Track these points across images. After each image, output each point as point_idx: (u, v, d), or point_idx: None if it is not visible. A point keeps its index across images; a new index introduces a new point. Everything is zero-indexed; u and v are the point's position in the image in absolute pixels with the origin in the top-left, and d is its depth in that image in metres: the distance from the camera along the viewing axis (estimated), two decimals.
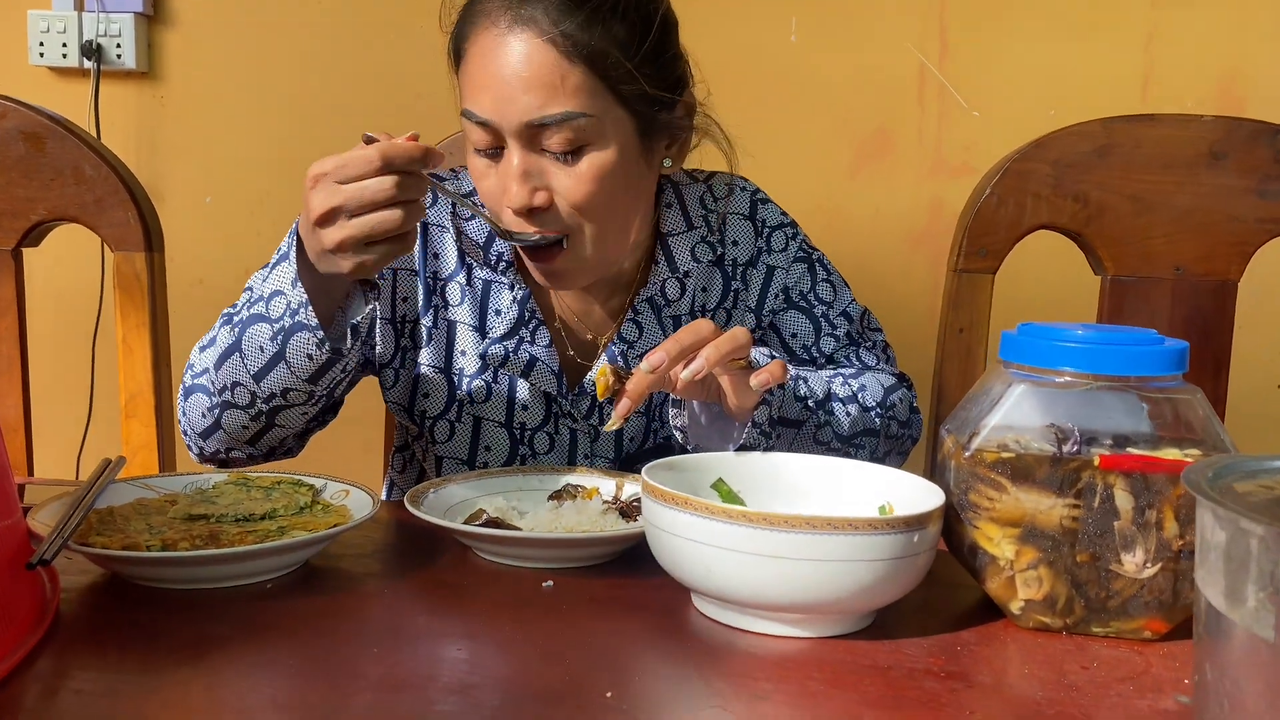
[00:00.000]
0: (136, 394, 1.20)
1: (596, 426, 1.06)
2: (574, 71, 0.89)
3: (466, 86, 0.93)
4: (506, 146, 0.92)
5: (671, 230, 1.05)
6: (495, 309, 1.04)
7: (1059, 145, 1.13)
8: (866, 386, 1.02)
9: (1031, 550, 0.73)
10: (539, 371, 1.03)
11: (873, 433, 1.01)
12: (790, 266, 1.08)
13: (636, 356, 1.03)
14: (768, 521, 0.66)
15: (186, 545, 0.74)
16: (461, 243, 1.04)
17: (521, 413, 1.05)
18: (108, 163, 1.18)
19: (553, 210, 0.93)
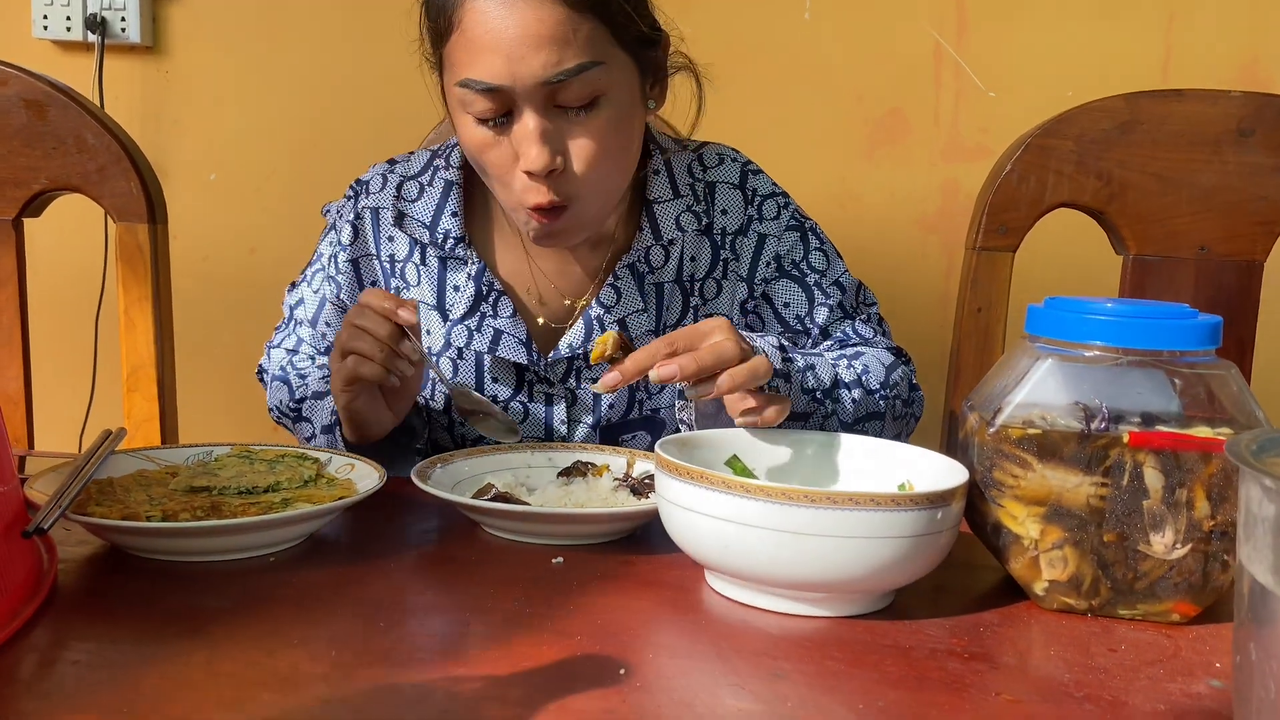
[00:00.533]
0: (139, 368, 1.18)
1: (574, 390, 1.05)
2: (584, 22, 0.88)
3: (464, 54, 0.90)
4: (516, 111, 0.90)
5: (658, 198, 1.04)
6: (453, 285, 1.05)
7: (1082, 121, 1.10)
8: (869, 368, 1.01)
9: (1057, 530, 0.70)
10: (505, 344, 1.03)
11: (878, 415, 0.99)
12: (783, 235, 1.07)
13: (614, 322, 1.02)
14: (788, 496, 0.64)
15: (187, 516, 0.72)
16: (406, 226, 1.04)
17: (492, 384, 1.05)
18: (110, 131, 1.16)
19: (566, 172, 0.92)
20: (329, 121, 1.92)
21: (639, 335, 1.03)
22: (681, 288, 1.06)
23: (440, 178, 1.05)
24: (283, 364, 1.10)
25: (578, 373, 1.05)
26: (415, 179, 1.06)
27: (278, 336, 1.13)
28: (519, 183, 0.92)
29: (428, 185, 1.05)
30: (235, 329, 1.99)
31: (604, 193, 0.96)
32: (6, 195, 1.16)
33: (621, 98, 0.93)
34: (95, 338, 1.86)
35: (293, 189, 1.95)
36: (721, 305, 1.07)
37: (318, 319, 1.09)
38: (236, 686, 0.55)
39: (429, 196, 1.05)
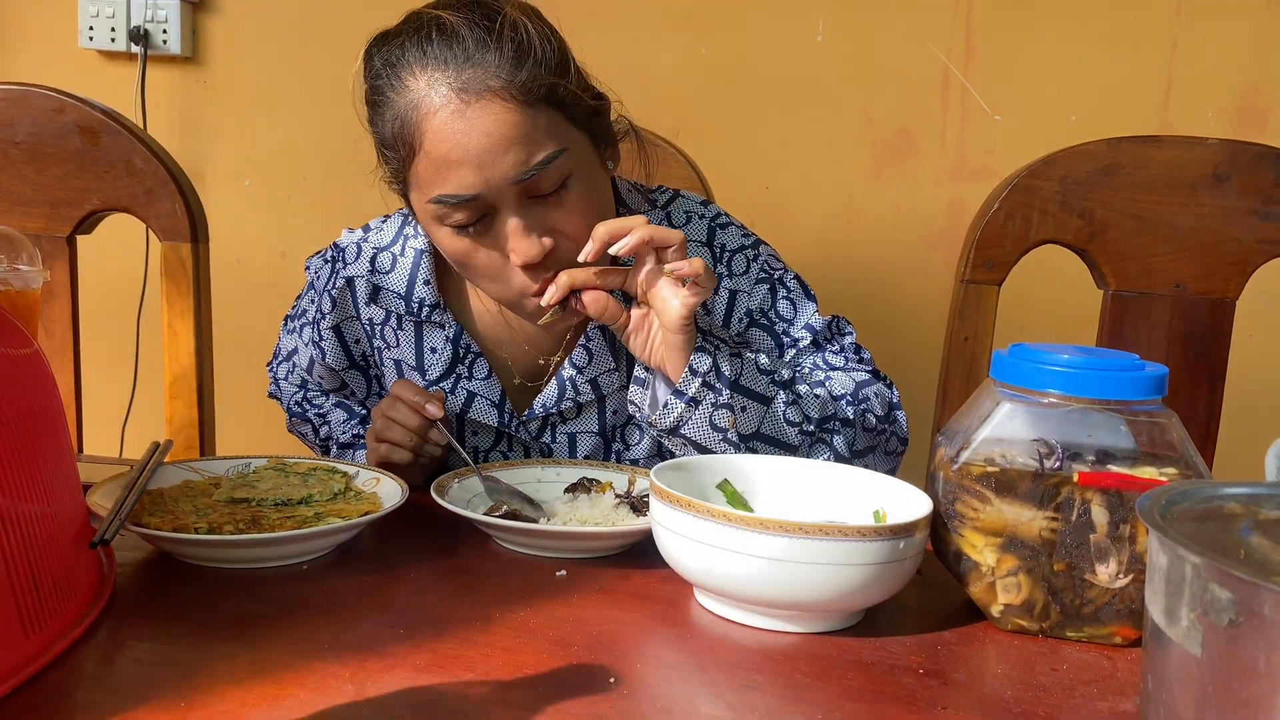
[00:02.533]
0: (180, 377, 1.27)
1: (549, 445, 1.11)
2: (540, 114, 0.91)
3: (433, 172, 0.92)
4: (494, 214, 0.93)
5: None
6: (430, 347, 1.09)
7: (1067, 163, 1.16)
8: (834, 379, 1.04)
9: (1012, 558, 0.78)
10: (478, 406, 1.08)
11: (847, 422, 1.01)
12: (753, 290, 1.08)
13: (587, 382, 1.07)
14: (764, 526, 0.72)
15: (231, 528, 0.81)
16: (381, 299, 1.08)
17: (472, 438, 1.12)
18: (157, 156, 1.25)
19: (556, 251, 0.95)
20: (359, 131, 2.00)
21: (610, 393, 1.08)
22: None
23: (410, 247, 1.08)
24: (298, 399, 1.17)
25: (553, 428, 1.11)
26: (388, 249, 1.09)
27: (281, 368, 1.19)
28: (514, 277, 0.96)
29: (399, 255, 1.08)
30: (267, 329, 2.08)
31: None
32: (62, 214, 1.25)
33: (587, 171, 0.96)
34: (136, 345, 1.96)
35: (323, 195, 2.04)
36: None
37: (311, 372, 1.15)
38: (276, 685, 0.63)
39: (401, 267, 1.08)
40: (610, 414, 1.10)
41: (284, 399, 1.20)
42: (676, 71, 1.90)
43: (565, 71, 0.95)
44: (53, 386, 0.73)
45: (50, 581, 0.66)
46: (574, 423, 1.10)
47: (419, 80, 0.92)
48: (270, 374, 1.22)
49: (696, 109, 1.90)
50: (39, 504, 0.66)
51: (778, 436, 0.99)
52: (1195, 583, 0.49)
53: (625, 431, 1.11)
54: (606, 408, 1.09)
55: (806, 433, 1.00)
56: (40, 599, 0.65)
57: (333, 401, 1.17)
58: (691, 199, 1.13)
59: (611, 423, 1.10)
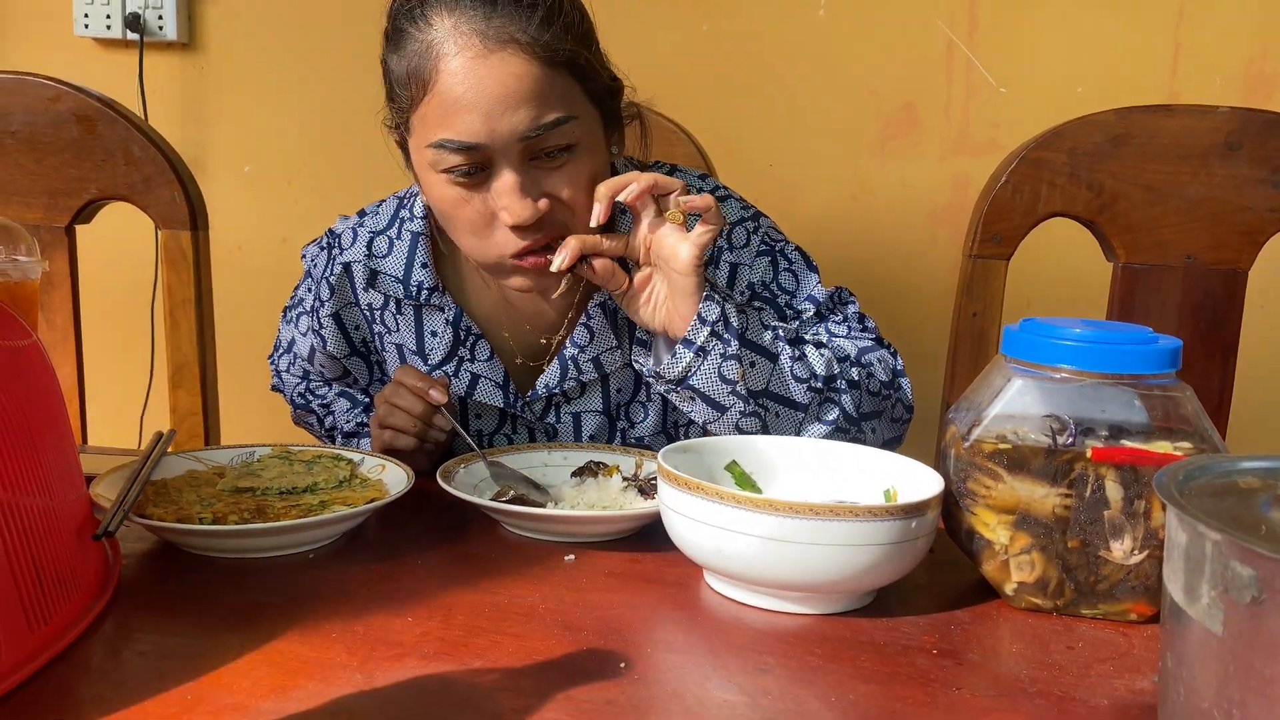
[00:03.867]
0: (183, 365, 1.26)
1: (554, 425, 1.10)
2: (558, 77, 0.91)
3: (439, 115, 0.91)
4: (491, 168, 0.92)
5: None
6: (430, 330, 1.08)
7: (1075, 134, 1.15)
8: (838, 343, 1.04)
9: (1025, 536, 0.77)
10: (482, 388, 1.08)
11: (854, 384, 1.00)
12: (754, 262, 1.07)
13: (589, 360, 1.06)
14: (774, 507, 0.71)
15: (235, 518, 0.80)
16: (379, 284, 1.07)
17: (476, 420, 1.11)
18: (155, 144, 1.24)
19: (549, 215, 0.93)
20: (358, 115, 1.97)
21: (613, 371, 1.07)
22: None
23: (406, 230, 1.07)
24: (300, 391, 1.17)
25: (556, 408, 1.10)
26: (384, 233, 1.08)
27: (282, 360, 1.19)
28: (500, 236, 0.94)
29: (396, 239, 1.07)
30: (269, 316, 2.07)
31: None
32: (59, 204, 1.24)
33: (592, 145, 0.95)
34: (152, 334, 1.95)
35: (323, 180, 2.03)
36: None
37: (312, 361, 1.14)
38: (283, 676, 0.63)
39: (398, 251, 1.07)
40: (615, 392, 1.09)
41: (287, 391, 1.19)
42: (677, 49, 1.88)
43: (589, 44, 0.95)
44: (52, 378, 0.72)
45: (54, 575, 0.65)
46: (578, 402, 1.09)
47: (445, 20, 0.91)
48: (272, 366, 1.22)
49: (698, 86, 1.88)
50: (40, 497, 0.65)
51: (785, 394, 0.97)
52: (1216, 560, 0.48)
53: (630, 409, 1.10)
54: (610, 386, 1.09)
55: (815, 389, 0.98)
56: (44, 592, 0.64)
57: (336, 391, 1.16)
58: (690, 172, 1.12)
59: (616, 401, 1.09)
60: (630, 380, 1.09)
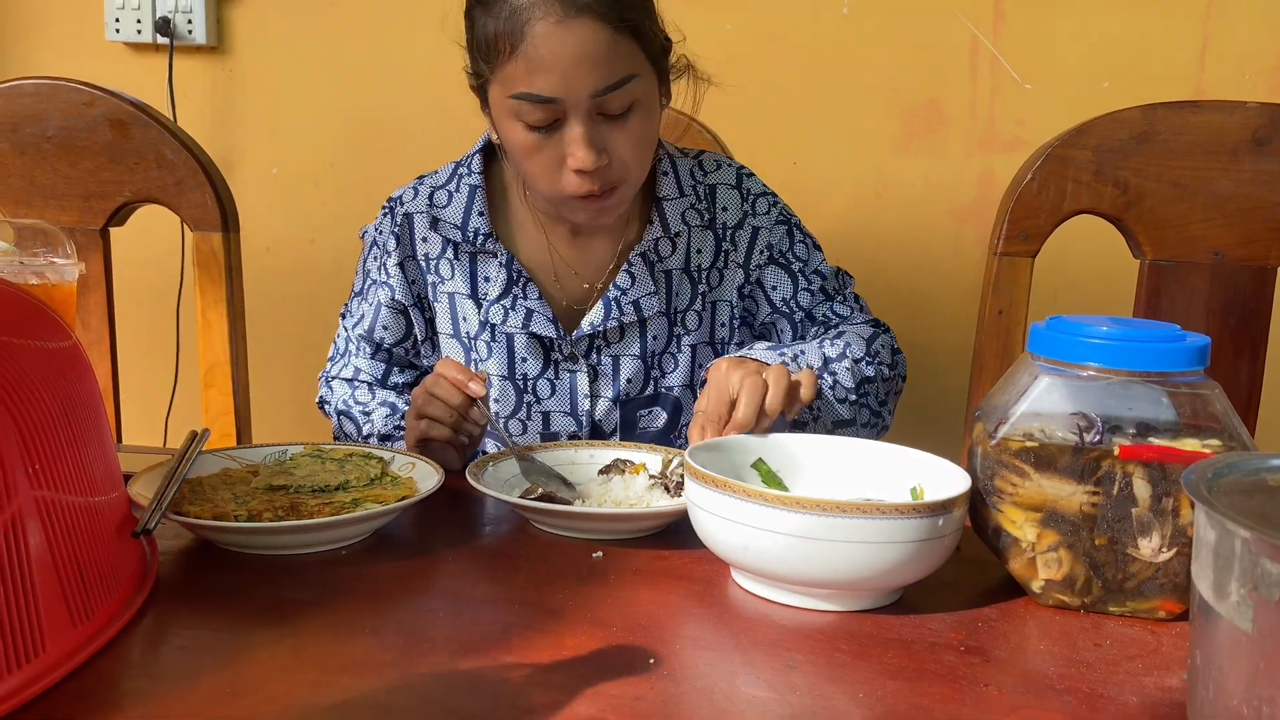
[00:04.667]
0: (215, 365, 1.28)
1: (595, 366, 1.18)
2: (623, 41, 1.02)
3: (523, 72, 1.02)
4: (563, 120, 1.03)
5: (666, 195, 1.18)
6: (484, 276, 1.18)
7: (1100, 131, 1.14)
8: (850, 343, 1.13)
9: (1052, 533, 0.77)
10: (537, 320, 1.16)
11: (869, 380, 1.12)
12: (773, 228, 1.21)
13: (630, 303, 1.16)
14: (801, 505, 0.72)
15: (270, 515, 0.81)
16: (440, 229, 1.17)
17: (521, 364, 1.18)
18: (186, 147, 1.25)
19: (611, 164, 1.05)
20: (383, 118, 2.01)
21: (650, 316, 1.18)
22: (689, 276, 1.19)
23: (465, 183, 1.18)
24: (345, 399, 1.22)
25: (598, 350, 1.18)
26: (443, 188, 1.19)
27: (334, 367, 1.25)
28: (567, 178, 1.06)
29: (455, 191, 1.18)
30: (296, 316, 2.10)
31: (640, 178, 1.11)
32: (94, 208, 1.26)
33: (648, 101, 1.07)
34: (176, 335, 1.98)
35: (349, 182, 2.05)
36: (725, 291, 1.20)
37: (375, 326, 1.20)
38: (319, 671, 0.64)
39: (457, 201, 1.17)
40: (651, 339, 1.19)
41: (332, 402, 1.22)
42: (700, 46, 1.88)
43: (651, 11, 1.07)
44: (92, 379, 0.74)
45: (96, 572, 0.67)
46: (617, 346, 1.18)
47: None
48: (323, 379, 1.26)
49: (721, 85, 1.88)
50: (82, 495, 0.67)
51: (838, 419, 1.09)
52: (1245, 557, 0.48)
53: (663, 359, 1.19)
54: (648, 332, 1.18)
55: (851, 402, 1.09)
56: (86, 589, 0.65)
57: (378, 400, 1.20)
58: (716, 153, 1.25)
59: (651, 348, 1.19)
60: (665, 330, 1.19)
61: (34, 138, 1.25)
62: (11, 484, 0.59)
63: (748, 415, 0.92)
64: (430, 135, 1.98)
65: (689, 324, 1.19)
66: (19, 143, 1.26)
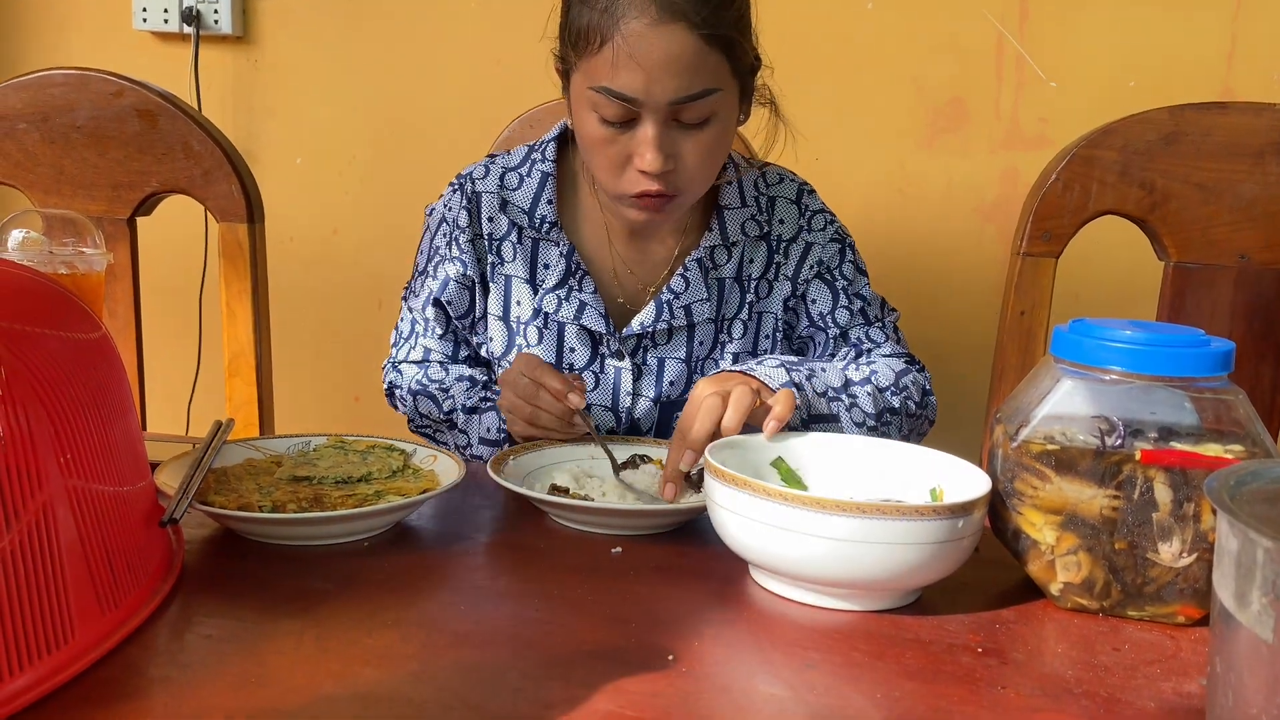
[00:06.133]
0: (239, 354, 1.29)
1: (640, 365, 1.18)
2: (711, 54, 1.01)
3: (608, 67, 1.02)
4: (638, 119, 1.03)
5: (729, 204, 1.18)
6: (544, 263, 1.19)
7: (1127, 132, 1.14)
8: (877, 370, 1.14)
9: (1072, 536, 0.77)
10: (588, 314, 1.17)
11: (894, 411, 1.11)
12: (826, 244, 1.21)
13: (681, 307, 1.17)
14: (822, 505, 0.72)
15: (294, 507, 0.82)
16: (509, 211, 1.18)
17: (569, 354, 1.19)
18: (213, 138, 1.26)
19: (675, 171, 1.05)
20: (407, 110, 2.01)
21: (699, 322, 1.18)
22: (740, 285, 1.19)
23: (538, 169, 1.19)
24: (418, 379, 1.22)
25: (644, 349, 1.18)
26: (515, 170, 1.20)
27: (400, 351, 1.25)
28: (630, 176, 1.06)
29: (526, 176, 1.19)
30: (319, 306, 2.11)
31: (701, 190, 1.11)
32: (122, 197, 1.27)
33: (726, 116, 1.06)
34: (200, 324, 1.99)
35: (372, 173, 2.06)
36: (772, 303, 1.20)
37: (441, 295, 1.20)
38: (342, 662, 0.65)
39: (527, 186, 1.18)
40: (697, 344, 1.19)
41: (404, 383, 1.23)
42: None
43: (744, 27, 1.06)
44: (121, 369, 0.75)
45: (124, 560, 0.68)
46: (664, 347, 1.19)
47: None
48: (388, 366, 1.26)
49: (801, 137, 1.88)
50: (111, 484, 0.68)
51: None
52: (1268, 567, 0.48)
53: (705, 365, 1.20)
54: (695, 337, 1.19)
55: (869, 428, 1.09)
56: (115, 577, 0.66)
57: (453, 376, 1.21)
58: (781, 167, 1.24)
59: (697, 354, 1.19)
60: (711, 336, 1.19)
61: (63, 128, 1.26)
62: (44, 473, 0.60)
63: (697, 436, 0.93)
64: (453, 128, 1.99)
65: (734, 332, 1.19)
66: (49, 133, 1.27)
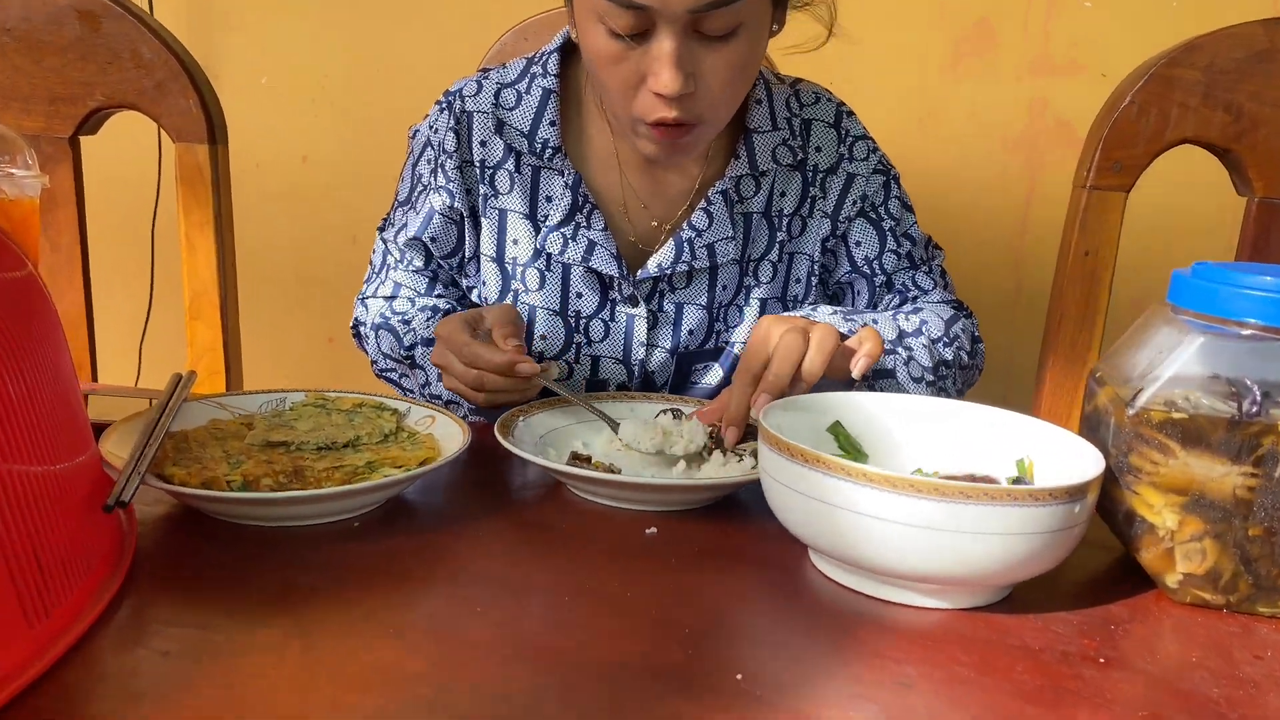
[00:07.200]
0: (200, 294, 1.14)
1: (656, 313, 1.04)
2: None
3: None
4: (653, 31, 0.87)
5: (758, 127, 1.04)
6: (546, 195, 1.03)
7: (1212, 49, 1.00)
8: (928, 320, 1.01)
9: (1196, 521, 0.65)
10: (599, 255, 1.02)
11: (947, 364, 1.00)
12: (870, 176, 1.07)
13: (704, 246, 1.02)
14: (915, 488, 0.59)
15: (269, 481, 0.69)
16: (504, 133, 1.02)
17: (576, 300, 1.04)
18: (167, 45, 1.10)
19: (696, 94, 0.90)
20: (382, 29, 1.84)
21: (724, 263, 1.04)
22: (769, 221, 1.05)
23: (538, 85, 1.03)
24: (382, 311, 1.08)
25: (661, 294, 1.04)
26: (512, 86, 1.04)
27: (369, 287, 1.12)
28: (643, 99, 0.91)
29: (525, 93, 1.03)
30: (289, 238, 1.95)
31: (727, 117, 0.96)
32: (62, 112, 1.11)
33: (756, 26, 0.90)
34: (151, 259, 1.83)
35: (347, 96, 1.89)
36: (807, 243, 1.06)
37: (423, 233, 1.05)
38: (337, 687, 0.52)
39: (526, 104, 1.02)
40: (720, 289, 1.05)
41: (367, 321, 1.08)
42: None
43: None
44: (52, 315, 0.61)
45: (56, 556, 0.54)
46: (683, 292, 1.04)
47: None
48: (356, 304, 1.12)
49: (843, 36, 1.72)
50: (40, 463, 0.54)
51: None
52: None
53: (729, 312, 1.06)
54: (718, 281, 1.05)
55: (928, 383, 0.97)
56: (45, 578, 0.53)
57: (419, 306, 1.07)
58: (815, 84, 1.10)
59: (719, 299, 1.05)
60: (735, 279, 1.05)
61: None
62: None
63: (778, 376, 0.80)
64: (439, 44, 1.82)
65: (762, 275, 1.05)
66: None
